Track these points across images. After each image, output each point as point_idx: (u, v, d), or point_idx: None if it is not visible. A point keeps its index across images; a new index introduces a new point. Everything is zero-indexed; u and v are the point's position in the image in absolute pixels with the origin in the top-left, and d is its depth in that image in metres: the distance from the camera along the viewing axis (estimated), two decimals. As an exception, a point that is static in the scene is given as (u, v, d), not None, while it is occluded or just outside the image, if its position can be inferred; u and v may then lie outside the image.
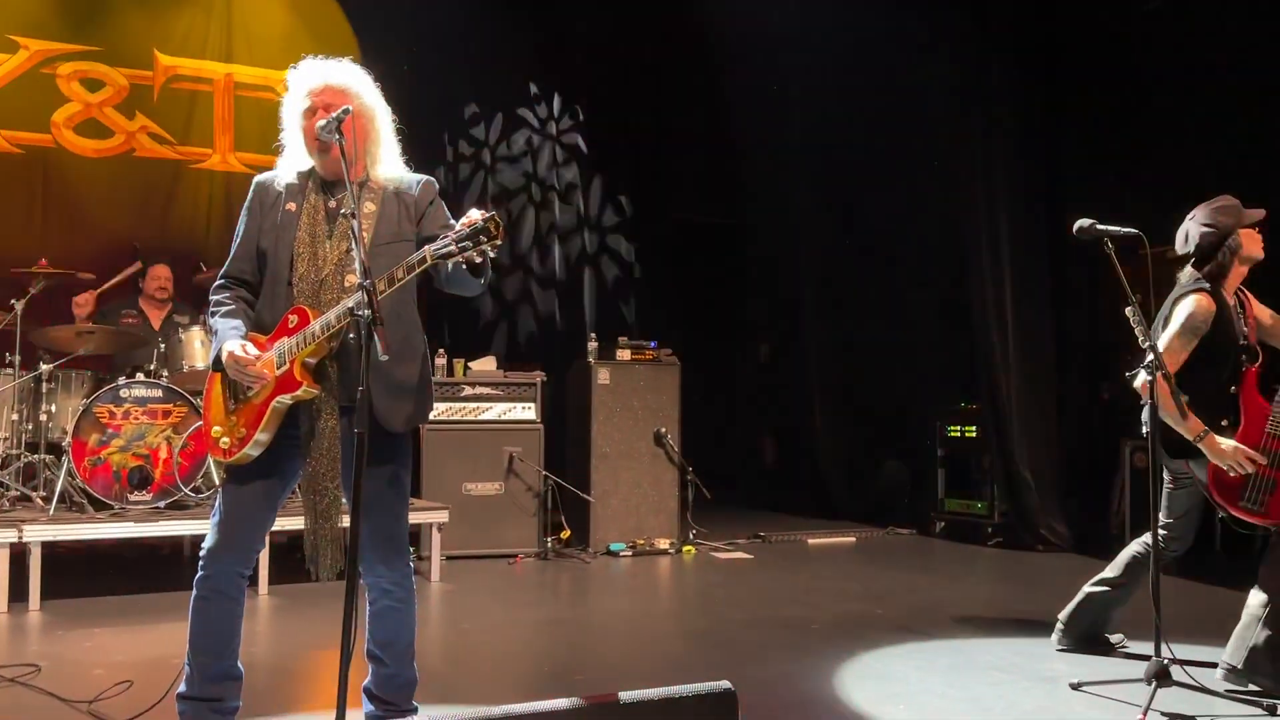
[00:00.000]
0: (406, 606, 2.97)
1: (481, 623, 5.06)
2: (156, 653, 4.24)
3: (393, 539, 2.90)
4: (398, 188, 2.91)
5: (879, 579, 6.18)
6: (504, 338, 9.02)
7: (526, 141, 9.30)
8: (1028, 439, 7.26)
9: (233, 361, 2.74)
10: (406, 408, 2.88)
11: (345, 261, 2.80)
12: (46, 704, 3.52)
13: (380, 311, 2.47)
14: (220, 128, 7.96)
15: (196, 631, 2.85)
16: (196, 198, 7.89)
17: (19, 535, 4.98)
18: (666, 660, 4.43)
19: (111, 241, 7.28)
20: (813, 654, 4.28)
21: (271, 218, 2.89)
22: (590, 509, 6.95)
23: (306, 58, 2.93)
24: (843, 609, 5.25)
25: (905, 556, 7.08)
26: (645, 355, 7.24)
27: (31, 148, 7.40)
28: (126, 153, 7.69)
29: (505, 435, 6.80)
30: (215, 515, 2.85)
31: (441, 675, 3.95)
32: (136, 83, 7.71)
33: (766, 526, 7.94)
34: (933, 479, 7.83)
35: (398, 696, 2.98)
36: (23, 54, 7.39)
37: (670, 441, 7.14)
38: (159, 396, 5.57)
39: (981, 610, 5.35)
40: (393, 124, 2.97)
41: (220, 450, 2.85)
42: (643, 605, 5.69)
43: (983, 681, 3.89)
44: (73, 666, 4.00)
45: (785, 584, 6.07)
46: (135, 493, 5.43)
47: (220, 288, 2.95)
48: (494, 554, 6.63)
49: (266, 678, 3.87)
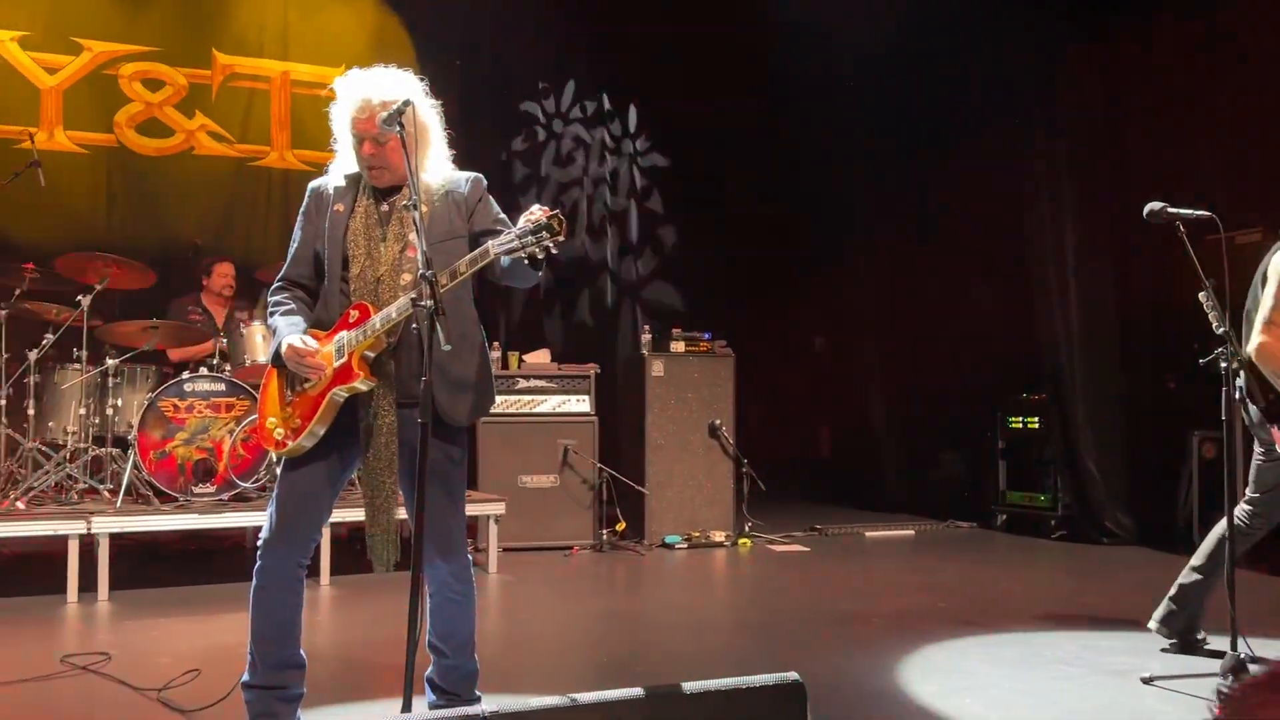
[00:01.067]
0: (466, 599, 2.98)
1: (539, 614, 5.07)
2: (221, 642, 4.30)
3: (450, 533, 2.91)
4: (448, 188, 2.94)
5: (940, 572, 6.09)
6: (558, 330, 9.04)
7: (577, 134, 9.30)
8: (1092, 430, 7.12)
9: (292, 354, 2.77)
10: (467, 401, 2.89)
11: (400, 261, 2.82)
12: (117, 691, 3.59)
13: (441, 303, 2.49)
14: (277, 125, 8.07)
15: (257, 620, 2.88)
16: (255, 195, 8.01)
17: (88, 527, 5.08)
18: (726, 652, 4.40)
19: (173, 239, 7.42)
20: (875, 647, 4.23)
21: (324, 221, 2.93)
22: (645, 501, 6.94)
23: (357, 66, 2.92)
24: (904, 602, 5.18)
25: (966, 550, 6.97)
26: (699, 347, 7.21)
27: (96, 148, 7.56)
28: (186, 151, 7.82)
29: (560, 428, 6.81)
30: (271, 506, 2.88)
31: (501, 666, 3.95)
32: (195, 82, 7.84)
33: (823, 519, 7.88)
34: (994, 471, 7.70)
35: (460, 687, 2.99)
36: (86, 56, 7.54)
37: (725, 433, 7.10)
38: (222, 390, 5.66)
39: (1047, 604, 5.24)
40: (442, 128, 2.97)
41: (274, 441, 2.87)
42: (700, 597, 5.66)
43: (1051, 675, 3.81)
44: (141, 655, 4.07)
45: (844, 577, 6.01)
46: (199, 485, 5.52)
47: (278, 289, 2.99)
48: (550, 546, 6.64)
49: (330, 666, 3.90)
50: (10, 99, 7.31)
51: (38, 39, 7.40)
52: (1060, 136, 7.35)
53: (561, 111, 9.28)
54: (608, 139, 9.40)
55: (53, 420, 5.90)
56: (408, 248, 2.83)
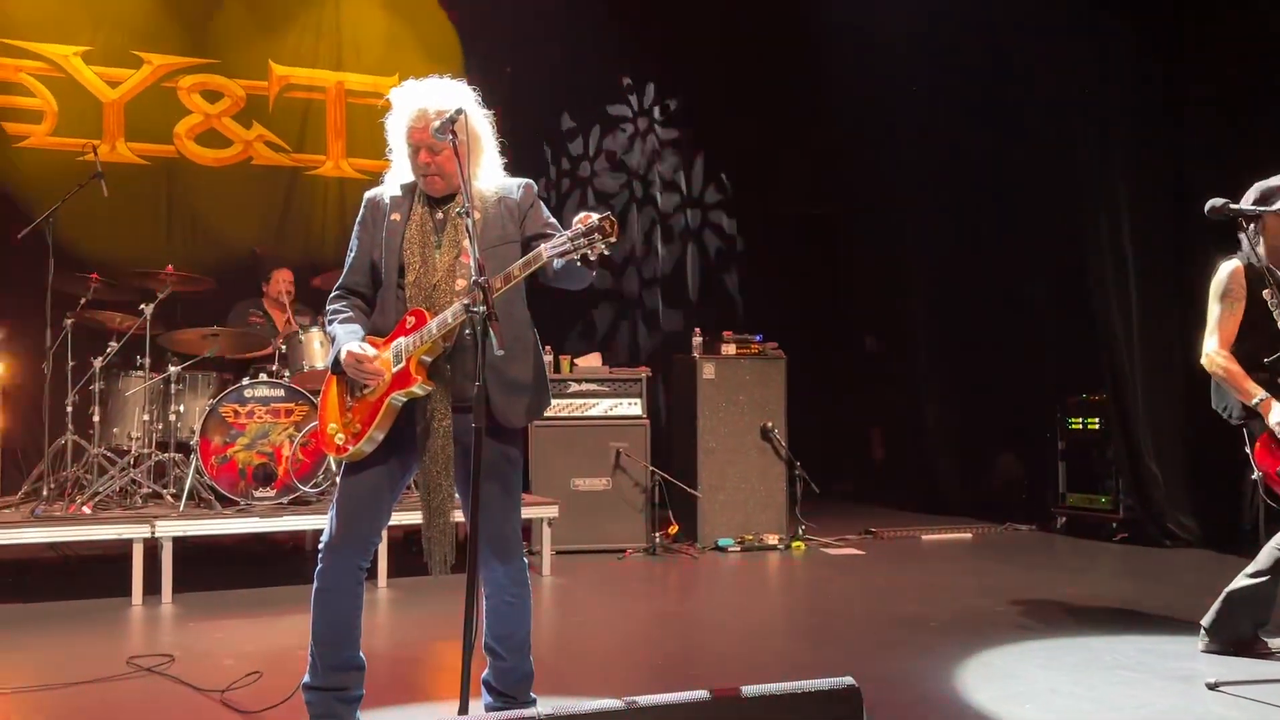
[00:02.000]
0: (522, 602, 3.00)
1: (594, 617, 5.09)
2: (282, 644, 4.37)
3: (507, 536, 2.94)
4: (500, 194, 2.98)
5: (998, 576, 6.01)
6: (609, 334, 9.07)
7: (627, 137, 9.33)
8: (1153, 430, 6.97)
9: (352, 360, 2.82)
10: (523, 403, 2.93)
11: (455, 268, 2.87)
12: (182, 693, 3.66)
13: (494, 308, 2.51)
14: (333, 135, 8.19)
15: (318, 622, 2.92)
16: (312, 203, 8.14)
17: (152, 531, 5.20)
18: (781, 656, 4.38)
19: (232, 247, 7.57)
20: (932, 651, 4.18)
21: (380, 230, 2.97)
22: (697, 504, 6.93)
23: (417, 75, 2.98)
24: (961, 606, 5.12)
25: (1025, 553, 6.86)
26: (750, 349, 7.18)
27: (156, 159, 7.73)
28: (244, 161, 7.97)
29: (611, 431, 6.82)
30: (332, 509, 2.93)
31: (556, 668, 3.98)
32: (253, 93, 7.99)
33: (877, 522, 7.80)
34: (1053, 473, 7.58)
35: (516, 689, 3.02)
36: (146, 69, 7.72)
37: (777, 436, 7.07)
38: (281, 396, 5.76)
39: (1108, 608, 5.14)
40: (494, 136, 3.00)
41: (335, 446, 2.92)
42: (754, 601, 5.64)
43: (1112, 680, 3.74)
44: (204, 657, 4.15)
45: (900, 581, 5.95)
46: (260, 489, 5.62)
47: (336, 298, 3.05)
48: (603, 549, 6.66)
49: (388, 668, 3.95)
50: (74, 113, 7.50)
51: (100, 54, 7.59)
52: (1117, 130, 7.21)
53: (610, 114, 9.31)
54: (657, 141, 9.41)
55: (117, 426, 6.05)
56: (462, 254, 2.86)
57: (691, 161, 9.54)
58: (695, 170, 9.57)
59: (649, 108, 9.42)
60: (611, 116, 9.32)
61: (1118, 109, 7.21)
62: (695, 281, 9.52)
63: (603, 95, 9.28)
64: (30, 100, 7.42)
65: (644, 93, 9.38)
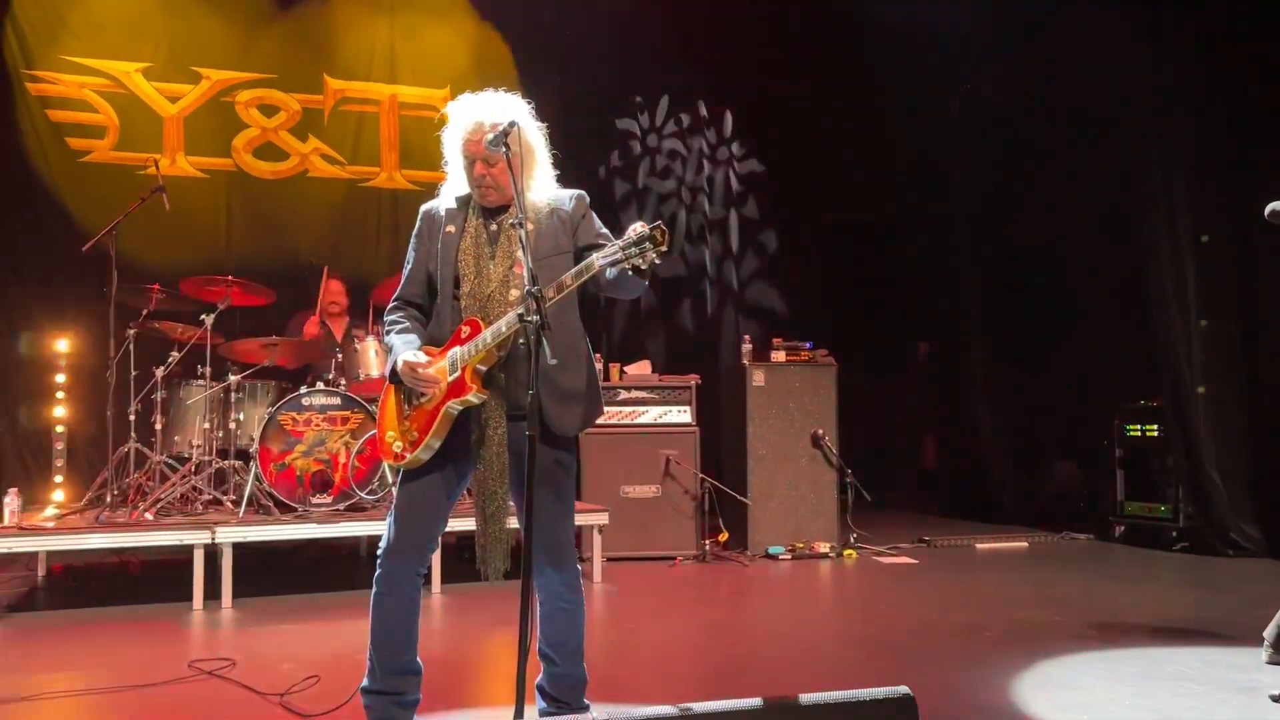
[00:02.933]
0: (576, 609, 3.02)
1: (645, 624, 5.10)
2: (340, 648, 4.44)
3: (561, 543, 2.96)
4: (552, 206, 3.01)
5: (1055, 585, 5.92)
6: (659, 342, 9.09)
7: (675, 144, 9.35)
8: (1215, 437, 6.83)
9: (408, 370, 2.86)
10: (576, 412, 2.95)
11: (509, 278, 2.90)
12: (242, 696, 3.73)
13: (547, 317, 2.54)
14: (386, 146, 8.31)
15: (377, 627, 2.97)
16: (366, 214, 8.26)
17: (212, 537, 5.30)
18: (834, 664, 4.36)
19: (289, 258, 7.71)
20: (988, 661, 4.14)
21: (436, 242, 3.02)
22: (748, 512, 6.91)
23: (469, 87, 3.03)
24: (1018, 615, 5.05)
25: (1083, 562, 6.76)
26: (800, 356, 7.16)
27: (215, 172, 7.89)
28: (301, 174, 8.11)
29: (661, 438, 6.84)
30: (390, 516, 2.97)
31: (608, 674, 3.99)
32: (308, 107, 8.13)
33: (931, 530, 7.73)
34: (1111, 481, 7.46)
35: (569, 695, 3.04)
36: (205, 84, 7.89)
37: (828, 443, 7.03)
38: (337, 404, 5.85)
39: (1169, 618, 5.04)
40: (547, 149, 3.04)
41: (393, 454, 2.97)
42: (806, 608, 5.61)
43: (1173, 692, 3.67)
44: (264, 661, 4.23)
45: (954, 589, 5.88)
46: (317, 496, 5.72)
47: (394, 309, 3.10)
48: (653, 556, 6.67)
49: (442, 673, 3.98)
50: (136, 127, 7.69)
51: (160, 70, 7.77)
52: (1178, 135, 7.09)
53: (657, 123, 9.34)
54: (705, 148, 9.43)
55: (179, 434, 6.18)
56: (515, 265, 2.90)
57: (741, 168, 9.53)
58: (745, 177, 9.56)
59: (700, 115, 9.43)
60: (661, 124, 9.34)
61: (1179, 113, 7.09)
62: (744, 288, 9.50)
63: (650, 103, 9.30)
64: (94, 116, 7.61)
65: (694, 102, 9.39)
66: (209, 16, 7.91)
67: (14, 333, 7.27)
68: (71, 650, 4.57)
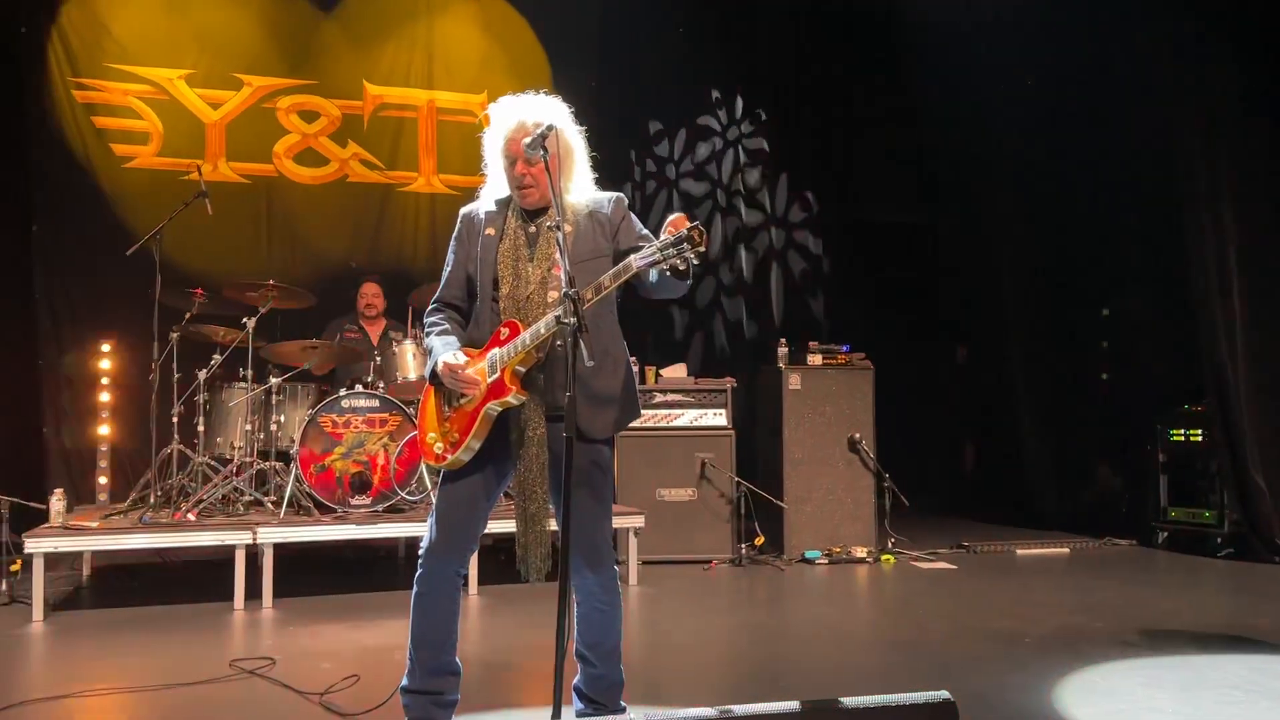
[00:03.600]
0: (612, 610, 3.03)
1: (681, 626, 5.09)
2: (379, 648, 4.48)
3: (597, 544, 2.97)
4: (591, 209, 3.02)
5: (1097, 591, 5.85)
6: (695, 344, 9.08)
7: (711, 147, 9.35)
8: (1259, 441, 6.72)
9: (448, 371, 2.88)
10: (609, 416, 2.96)
11: (547, 280, 2.92)
12: (282, 695, 3.77)
13: (584, 320, 2.55)
14: (424, 152, 8.37)
15: (417, 626, 2.99)
16: (404, 219, 8.32)
17: (253, 537, 5.37)
18: (871, 669, 4.33)
19: (328, 263, 7.78)
20: (1028, 667, 4.09)
21: (475, 245, 3.04)
22: (784, 516, 6.89)
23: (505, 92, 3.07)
24: (1058, 622, 5.00)
25: (1125, 569, 6.66)
26: (837, 360, 7.12)
27: (257, 178, 7.98)
28: (340, 179, 8.19)
29: (697, 441, 6.82)
30: (431, 516, 3.00)
31: (645, 676, 3.99)
32: (348, 113, 8.21)
33: (970, 536, 7.65)
34: (1154, 486, 7.35)
35: (606, 696, 3.04)
36: (246, 90, 7.98)
37: (865, 447, 6.99)
38: (376, 406, 5.91)
39: (1214, 625, 4.97)
40: (586, 152, 3.06)
41: (434, 455, 2.99)
42: (842, 613, 5.58)
43: (1218, 700, 3.62)
44: (304, 660, 4.27)
45: (994, 595, 5.83)
46: (356, 497, 5.77)
47: (433, 311, 3.13)
48: (688, 559, 6.66)
49: (479, 674, 4.01)
50: (179, 134, 7.78)
51: (202, 76, 7.87)
52: (1222, 137, 6.98)
53: (695, 123, 9.34)
54: (741, 149, 9.41)
55: (220, 436, 6.26)
56: (554, 267, 2.91)
57: (776, 169, 9.50)
58: (780, 178, 9.53)
59: (735, 116, 9.41)
60: (697, 126, 9.34)
61: (1224, 114, 6.98)
62: (780, 291, 9.47)
63: (687, 105, 9.30)
64: (137, 122, 7.73)
65: (730, 103, 9.38)
66: (251, 25, 8.00)
67: (59, 335, 7.39)
68: (115, 648, 4.64)
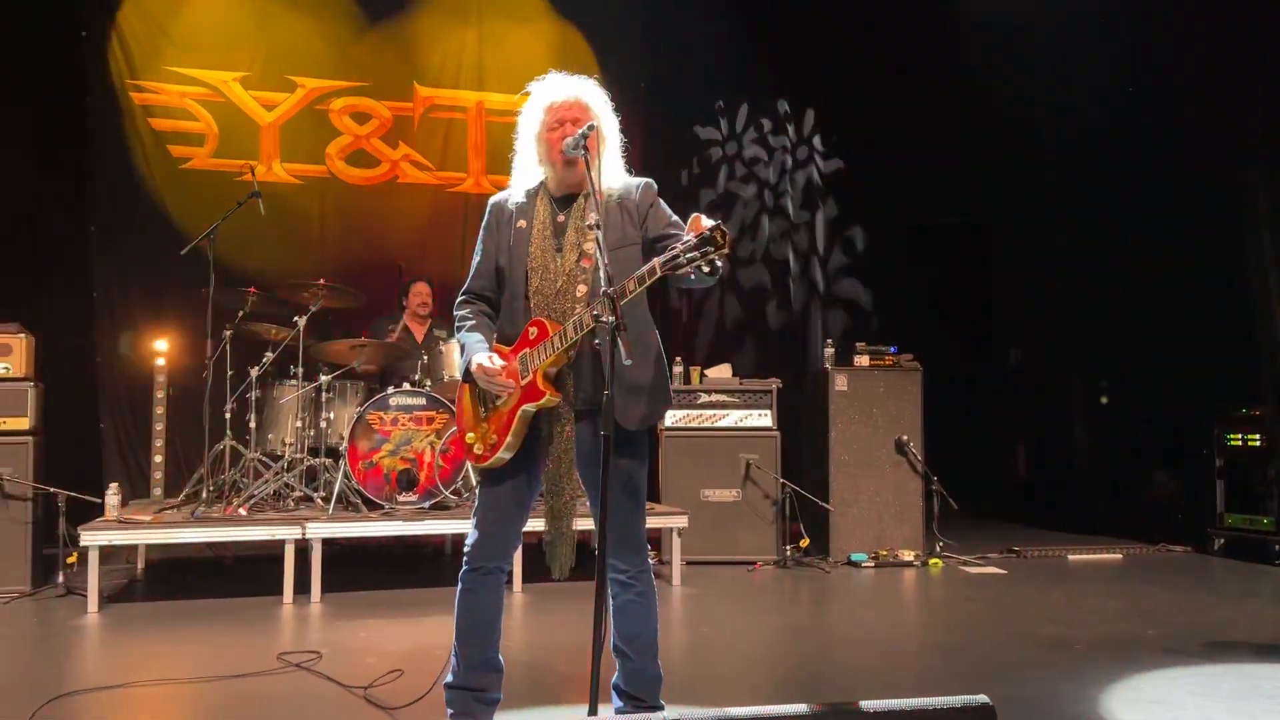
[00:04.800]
0: (647, 600, 3.02)
1: (723, 627, 5.07)
2: (423, 644, 4.52)
3: (629, 535, 2.96)
4: (620, 196, 3.01)
5: (1150, 598, 5.74)
6: (740, 344, 9.05)
7: (760, 147, 9.31)
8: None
9: (481, 373, 2.90)
10: (640, 406, 2.93)
11: (575, 273, 2.91)
12: (327, 688, 3.82)
13: (622, 319, 2.55)
14: (473, 153, 8.45)
15: (462, 622, 3.02)
16: (452, 219, 8.41)
17: (303, 532, 5.44)
18: (916, 673, 4.29)
19: (378, 262, 7.87)
20: (1077, 674, 4.02)
21: (505, 235, 3.04)
22: (829, 518, 6.84)
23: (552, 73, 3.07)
24: (1109, 629, 4.91)
25: (1180, 576, 6.53)
26: (885, 361, 7.06)
27: (309, 178, 8.11)
28: (391, 180, 8.29)
29: (741, 442, 6.80)
30: (474, 515, 3.02)
31: (685, 676, 3.99)
32: (399, 114, 8.31)
33: (1020, 540, 7.54)
34: (1210, 492, 7.19)
35: (644, 692, 3.04)
36: (300, 92, 8.11)
37: (913, 450, 6.92)
38: (423, 404, 5.97)
39: (1270, 635, 4.85)
40: (619, 134, 3.07)
41: (474, 455, 3.01)
42: (888, 616, 5.53)
43: (1273, 711, 3.53)
44: (349, 654, 4.32)
45: (1043, 601, 5.73)
46: (403, 494, 5.83)
47: (462, 303, 3.14)
48: (732, 560, 6.64)
49: (520, 672, 4.03)
50: (234, 135, 7.94)
51: (257, 79, 8.02)
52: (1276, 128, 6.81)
53: (739, 126, 9.32)
54: (787, 148, 9.37)
55: (272, 432, 6.36)
56: (583, 258, 2.91)
57: (825, 168, 9.45)
58: (829, 177, 9.47)
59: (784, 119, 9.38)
60: (745, 128, 9.32)
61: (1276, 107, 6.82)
62: (827, 291, 9.41)
63: (736, 107, 9.29)
64: (194, 124, 7.88)
65: (779, 105, 9.35)
66: (304, 27, 8.13)
67: (117, 333, 7.57)
68: (166, 640, 4.74)
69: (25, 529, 5.58)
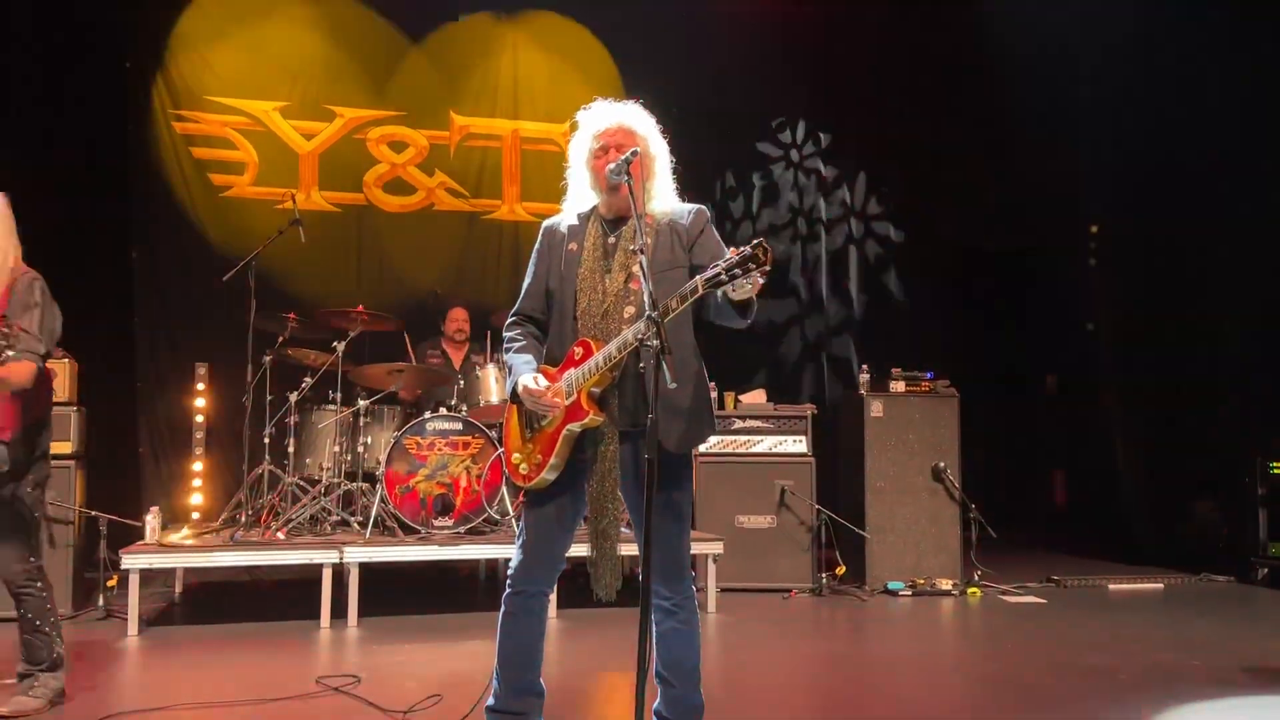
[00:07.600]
0: (690, 628, 3.01)
1: (760, 655, 5.04)
2: (461, 669, 4.51)
3: (673, 561, 2.95)
4: (671, 219, 3.03)
5: (1193, 629, 5.64)
6: (774, 370, 9.03)
7: (794, 174, 9.33)
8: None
9: (527, 394, 2.92)
10: (679, 429, 2.92)
11: (624, 294, 2.93)
12: (367, 712, 3.82)
13: (668, 341, 2.55)
14: (508, 180, 8.53)
15: (504, 646, 3.02)
16: (487, 245, 8.48)
17: (340, 557, 5.47)
18: (956, 703, 4.23)
19: (414, 288, 7.94)
20: (1119, 704, 3.96)
21: (557, 258, 3.07)
22: (866, 545, 6.78)
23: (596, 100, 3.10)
24: (1152, 659, 4.83)
25: (1223, 606, 6.42)
26: (921, 387, 7.01)
27: (348, 206, 8.21)
28: (427, 207, 8.38)
29: (776, 468, 6.77)
30: (519, 537, 3.03)
31: (723, 704, 3.95)
32: (435, 142, 8.41)
33: (1060, 569, 7.44)
34: (1253, 520, 7.07)
35: (686, 718, 3.02)
36: (338, 122, 8.23)
37: (949, 477, 6.85)
38: (459, 429, 5.99)
39: (1319, 667, 4.76)
40: (669, 160, 3.09)
41: (520, 475, 3.02)
42: (927, 645, 5.47)
43: (1328, 746, 3.46)
44: (388, 678, 4.33)
45: (1084, 631, 5.65)
46: (439, 518, 5.85)
47: (512, 325, 3.16)
48: (767, 588, 6.59)
49: (560, 697, 4.00)
50: (274, 164, 8.06)
51: (296, 108, 8.15)
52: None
53: (775, 152, 9.34)
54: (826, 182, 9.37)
55: (310, 457, 6.40)
56: (631, 279, 2.92)
57: (860, 195, 9.45)
58: (864, 203, 9.47)
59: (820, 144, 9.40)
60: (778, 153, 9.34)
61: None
62: (862, 315, 9.38)
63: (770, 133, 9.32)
64: (234, 153, 8.01)
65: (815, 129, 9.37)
66: (343, 58, 8.26)
67: (157, 358, 7.67)
68: (205, 663, 4.76)
69: (68, 552, 5.64)
